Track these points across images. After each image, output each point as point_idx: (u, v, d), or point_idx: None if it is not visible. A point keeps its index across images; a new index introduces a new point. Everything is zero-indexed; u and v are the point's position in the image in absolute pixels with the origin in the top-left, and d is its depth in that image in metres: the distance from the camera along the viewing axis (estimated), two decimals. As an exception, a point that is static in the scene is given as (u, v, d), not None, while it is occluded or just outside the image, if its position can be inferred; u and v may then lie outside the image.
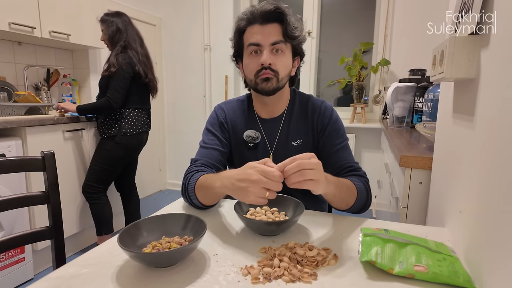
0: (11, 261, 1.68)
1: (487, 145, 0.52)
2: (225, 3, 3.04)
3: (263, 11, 0.86)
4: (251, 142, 0.97)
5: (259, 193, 0.61)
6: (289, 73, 0.93)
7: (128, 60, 1.87)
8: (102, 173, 1.96)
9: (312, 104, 0.98)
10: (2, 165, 0.83)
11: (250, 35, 0.89)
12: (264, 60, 0.86)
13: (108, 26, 1.91)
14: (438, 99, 1.08)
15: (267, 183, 0.60)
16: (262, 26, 0.87)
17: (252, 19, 0.88)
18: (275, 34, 0.87)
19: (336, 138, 0.94)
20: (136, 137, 2.00)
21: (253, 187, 0.61)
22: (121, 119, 1.92)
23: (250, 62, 0.90)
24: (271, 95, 0.92)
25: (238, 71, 1.03)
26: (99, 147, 1.98)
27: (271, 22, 0.87)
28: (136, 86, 1.96)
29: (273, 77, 0.88)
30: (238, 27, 0.91)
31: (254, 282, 0.52)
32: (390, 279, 0.53)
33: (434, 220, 0.91)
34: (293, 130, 0.97)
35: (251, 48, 0.89)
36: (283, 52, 0.89)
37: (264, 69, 0.87)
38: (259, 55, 0.88)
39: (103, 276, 0.55)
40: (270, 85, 0.88)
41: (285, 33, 0.87)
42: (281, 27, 0.87)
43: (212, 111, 1.04)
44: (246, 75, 0.95)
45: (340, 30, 2.94)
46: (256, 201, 0.62)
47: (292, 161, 0.61)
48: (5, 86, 2.15)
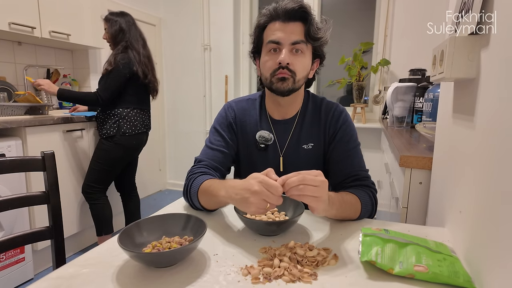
0: (11, 261, 1.68)
1: (487, 145, 0.52)
2: (225, 3, 3.04)
3: (287, 8, 0.83)
4: (263, 143, 0.95)
5: (260, 204, 0.61)
6: (307, 75, 0.90)
7: (126, 60, 1.87)
8: (102, 173, 1.96)
9: (325, 107, 0.95)
10: (2, 165, 0.83)
11: (270, 32, 0.86)
12: (282, 59, 0.83)
13: (112, 25, 1.91)
14: (438, 99, 1.08)
15: (269, 197, 0.60)
16: (284, 24, 0.84)
17: (275, 16, 0.85)
18: (297, 33, 0.83)
19: (347, 143, 0.91)
20: (135, 138, 1.99)
21: (254, 198, 0.61)
22: (120, 120, 1.92)
23: (268, 60, 0.86)
24: (285, 96, 0.88)
25: (238, 71, 1.02)
26: (98, 148, 1.98)
27: (294, 20, 0.84)
28: (135, 86, 1.95)
29: (289, 78, 0.85)
30: (259, 23, 0.88)
31: (254, 282, 0.52)
32: (390, 279, 0.53)
33: (434, 220, 0.91)
34: (304, 133, 0.94)
35: (270, 45, 0.85)
36: (303, 53, 0.85)
37: (281, 68, 0.84)
38: (278, 53, 0.85)
39: (103, 276, 0.55)
40: (285, 85, 0.85)
41: (308, 33, 0.83)
42: (304, 26, 0.84)
43: (222, 109, 1.01)
44: (262, 72, 0.91)
45: (340, 30, 2.94)
46: (257, 212, 0.62)
47: (296, 174, 0.61)
48: (5, 86, 2.15)
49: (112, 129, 1.91)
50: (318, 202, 0.61)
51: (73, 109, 2.29)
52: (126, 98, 1.94)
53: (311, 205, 0.62)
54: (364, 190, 0.83)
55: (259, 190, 0.60)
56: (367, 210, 0.80)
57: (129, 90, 1.94)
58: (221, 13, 3.07)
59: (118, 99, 1.93)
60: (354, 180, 0.87)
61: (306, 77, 0.90)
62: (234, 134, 0.98)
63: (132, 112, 1.96)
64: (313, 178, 0.60)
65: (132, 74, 1.90)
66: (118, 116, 1.93)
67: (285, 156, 0.95)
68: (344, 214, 0.76)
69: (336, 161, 0.91)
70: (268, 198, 0.60)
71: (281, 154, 0.95)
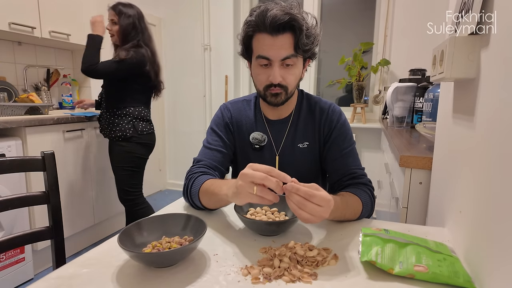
0: (11, 261, 1.68)
1: (487, 145, 0.52)
2: (225, 3, 3.04)
3: (274, 21, 0.76)
4: (257, 144, 0.96)
5: (247, 187, 0.59)
6: (298, 82, 0.89)
7: (141, 58, 1.76)
8: (133, 176, 1.88)
9: (320, 107, 0.96)
10: (2, 165, 0.83)
11: (259, 44, 0.81)
12: (273, 79, 0.81)
13: (124, 18, 1.75)
14: (438, 99, 1.08)
15: (254, 176, 0.58)
16: (272, 38, 0.78)
17: (262, 28, 0.79)
18: (287, 47, 0.79)
19: (342, 143, 0.91)
20: (152, 136, 1.94)
21: (242, 181, 0.60)
22: (134, 119, 1.83)
23: (260, 74, 0.84)
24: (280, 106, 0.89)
25: (238, 71, 1.02)
26: (116, 152, 1.86)
27: (283, 32, 0.78)
28: (145, 86, 1.88)
29: (282, 92, 0.84)
30: (247, 33, 0.83)
31: (254, 282, 0.52)
32: (390, 279, 0.53)
33: (434, 220, 0.91)
34: (300, 132, 0.95)
35: (260, 60, 0.82)
36: (294, 64, 0.83)
37: (273, 86, 0.83)
38: (269, 68, 0.82)
39: (103, 276, 0.55)
40: (279, 99, 0.86)
41: (297, 46, 0.79)
42: (293, 37, 0.79)
43: (218, 110, 1.02)
44: (255, 82, 0.90)
45: (340, 30, 2.94)
46: (247, 197, 0.60)
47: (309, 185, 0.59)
48: (5, 86, 2.15)
49: (128, 130, 1.82)
50: (313, 220, 0.59)
51: (78, 102, 2.24)
52: (136, 96, 1.85)
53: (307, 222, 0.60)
54: (363, 189, 0.83)
55: (246, 172, 0.60)
56: (367, 210, 0.80)
57: (140, 88, 1.86)
58: (221, 13, 3.07)
59: (129, 97, 1.83)
60: (351, 178, 0.87)
61: (298, 83, 0.90)
62: (231, 134, 0.98)
63: (143, 111, 1.88)
64: (320, 195, 0.58)
65: (141, 74, 1.81)
66: (131, 115, 1.83)
67: (281, 156, 0.96)
68: (347, 216, 0.76)
69: (332, 160, 0.92)
70: (254, 178, 0.58)
71: (277, 153, 0.96)
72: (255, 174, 0.58)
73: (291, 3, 0.80)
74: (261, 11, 0.78)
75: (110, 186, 2.24)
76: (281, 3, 0.80)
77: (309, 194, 0.58)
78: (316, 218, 0.59)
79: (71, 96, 2.53)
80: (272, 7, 0.78)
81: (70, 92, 2.53)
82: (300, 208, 0.58)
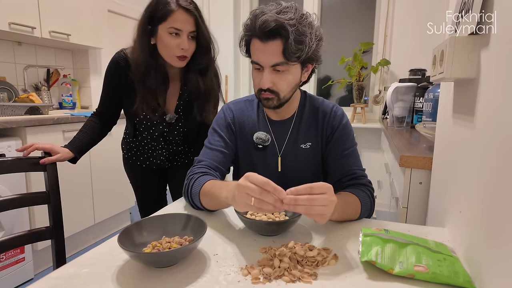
0: (11, 261, 1.68)
1: (487, 145, 0.52)
2: (225, 3, 3.04)
3: (262, 27, 0.76)
4: (260, 144, 0.96)
5: (244, 198, 0.59)
6: (295, 86, 0.87)
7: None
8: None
9: (323, 107, 0.96)
10: (2, 165, 0.83)
11: (253, 49, 0.82)
12: (262, 84, 0.82)
13: (213, 45, 1.39)
14: (438, 99, 1.08)
15: (251, 189, 0.58)
16: (263, 44, 0.78)
17: (254, 33, 0.79)
18: (276, 53, 0.78)
19: (343, 144, 0.91)
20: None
21: (239, 192, 0.60)
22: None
23: (255, 77, 0.86)
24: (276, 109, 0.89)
25: (238, 71, 1.01)
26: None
27: (273, 38, 0.77)
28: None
29: (273, 98, 0.84)
30: (244, 36, 0.85)
31: (254, 282, 0.52)
32: (390, 279, 0.53)
33: (434, 220, 0.91)
34: (302, 133, 0.95)
35: (254, 64, 0.84)
36: (287, 71, 0.81)
37: (263, 90, 0.83)
38: (261, 72, 0.83)
39: (103, 276, 0.55)
40: (270, 104, 0.86)
41: (286, 53, 0.77)
42: (282, 44, 0.77)
43: (220, 111, 1.02)
44: (253, 83, 0.90)
45: (340, 30, 2.94)
46: (245, 207, 0.61)
47: (306, 190, 0.59)
48: (5, 86, 2.15)
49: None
50: (324, 219, 0.61)
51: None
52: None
53: (317, 221, 0.62)
54: (362, 190, 0.83)
55: (242, 183, 0.59)
56: (366, 210, 0.80)
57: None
58: (221, 13, 3.07)
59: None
60: (351, 179, 0.88)
61: (294, 88, 0.88)
62: (233, 134, 0.98)
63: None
64: (323, 198, 0.59)
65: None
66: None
67: (283, 156, 0.95)
68: (346, 216, 0.76)
69: (333, 160, 0.92)
70: (251, 192, 0.58)
71: (279, 154, 0.96)
72: (252, 188, 0.58)
73: (287, 7, 0.79)
74: (255, 16, 0.79)
75: (110, 186, 2.23)
76: (278, 6, 0.79)
77: (310, 199, 0.58)
78: (325, 216, 0.61)
79: (71, 96, 2.53)
80: (265, 11, 0.77)
81: (70, 92, 2.53)
82: (309, 212, 0.59)
